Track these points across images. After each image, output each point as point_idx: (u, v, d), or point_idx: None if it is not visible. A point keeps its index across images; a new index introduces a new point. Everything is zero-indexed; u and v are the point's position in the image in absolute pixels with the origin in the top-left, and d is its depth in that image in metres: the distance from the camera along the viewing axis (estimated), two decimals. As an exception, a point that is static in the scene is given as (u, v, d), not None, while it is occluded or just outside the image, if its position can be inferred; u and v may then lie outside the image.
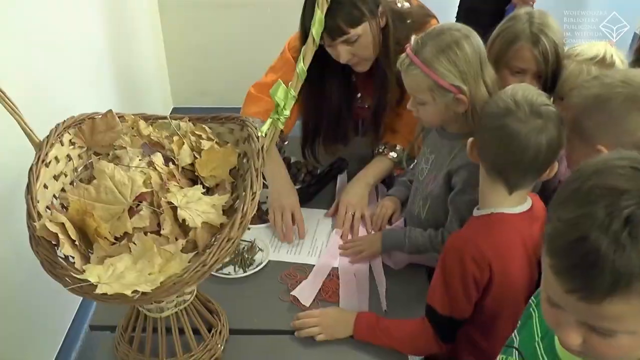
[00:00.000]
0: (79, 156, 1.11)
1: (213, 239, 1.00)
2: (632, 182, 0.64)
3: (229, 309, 1.33)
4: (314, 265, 1.48)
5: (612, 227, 0.62)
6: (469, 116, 1.31)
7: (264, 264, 1.48)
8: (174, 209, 0.97)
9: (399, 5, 1.68)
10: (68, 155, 1.08)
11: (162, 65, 3.27)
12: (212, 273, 1.43)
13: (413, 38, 1.33)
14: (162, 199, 0.98)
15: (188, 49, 3.26)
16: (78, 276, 0.88)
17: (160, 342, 1.19)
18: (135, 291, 0.86)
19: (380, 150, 1.76)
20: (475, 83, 1.29)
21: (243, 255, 1.50)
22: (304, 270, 1.47)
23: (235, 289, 1.42)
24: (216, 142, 1.10)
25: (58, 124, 1.07)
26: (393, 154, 1.74)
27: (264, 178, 1.69)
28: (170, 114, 1.22)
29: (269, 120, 1.02)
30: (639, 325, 0.66)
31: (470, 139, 1.21)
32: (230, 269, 1.47)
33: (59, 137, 1.06)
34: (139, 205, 0.99)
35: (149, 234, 0.96)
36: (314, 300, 1.38)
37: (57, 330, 2.05)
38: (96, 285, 0.87)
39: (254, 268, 1.47)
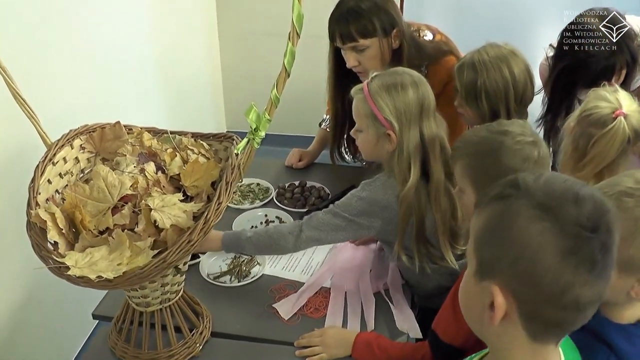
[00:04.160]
0: (88, 159, 1.27)
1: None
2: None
3: (216, 313, 1.44)
4: (303, 283, 1.55)
5: None
6: (395, 158, 1.36)
7: (257, 276, 1.57)
8: (151, 210, 1.10)
9: (422, 34, 1.79)
10: (76, 158, 1.23)
11: (218, 90, 3.46)
12: (209, 280, 1.56)
13: (371, 72, 1.43)
14: (143, 201, 1.11)
15: (244, 76, 3.42)
16: (58, 259, 1.02)
17: (144, 334, 1.31)
18: (99, 277, 0.99)
19: None
20: (408, 126, 1.35)
21: (241, 267, 1.61)
22: (294, 286, 1.55)
23: (226, 296, 1.52)
24: (201, 154, 1.22)
25: (71, 130, 1.24)
26: None
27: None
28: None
29: (244, 140, 1.13)
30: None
31: None
32: (226, 278, 1.58)
33: (70, 141, 1.22)
34: (123, 205, 1.12)
35: (126, 230, 1.09)
36: (295, 314, 1.45)
37: (84, 325, 2.21)
38: (70, 268, 1.00)
39: (249, 280, 1.57)
